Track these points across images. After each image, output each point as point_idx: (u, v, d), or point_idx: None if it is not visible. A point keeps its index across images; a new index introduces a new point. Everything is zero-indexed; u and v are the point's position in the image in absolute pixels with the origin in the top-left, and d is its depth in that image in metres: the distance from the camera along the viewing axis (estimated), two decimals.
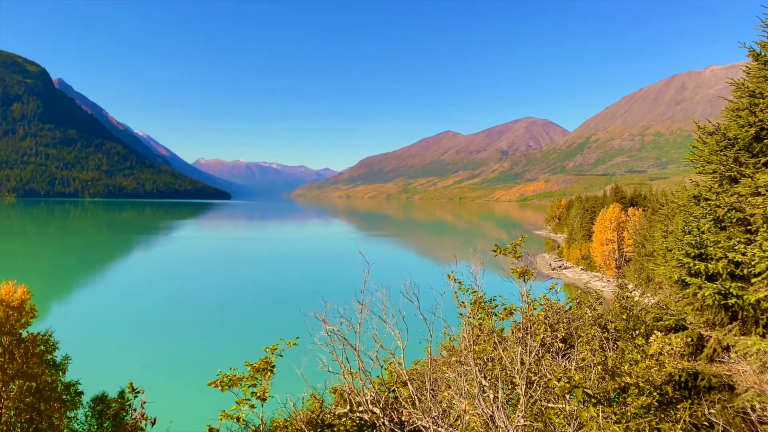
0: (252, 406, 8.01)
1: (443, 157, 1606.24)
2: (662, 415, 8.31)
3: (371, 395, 8.60)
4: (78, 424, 17.43)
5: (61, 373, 18.13)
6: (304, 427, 8.30)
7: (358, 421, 8.26)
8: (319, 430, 8.40)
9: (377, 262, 10.15)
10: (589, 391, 6.85)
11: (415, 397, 8.38)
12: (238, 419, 7.93)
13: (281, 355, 8.63)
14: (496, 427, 7.31)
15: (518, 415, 7.29)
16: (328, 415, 9.37)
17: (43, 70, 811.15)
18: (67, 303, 75.53)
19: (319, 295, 10.22)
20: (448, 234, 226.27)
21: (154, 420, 10.23)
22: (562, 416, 7.19)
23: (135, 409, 10.06)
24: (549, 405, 7.55)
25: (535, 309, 10.53)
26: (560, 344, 9.82)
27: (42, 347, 17.62)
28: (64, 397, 17.76)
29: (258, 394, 8.09)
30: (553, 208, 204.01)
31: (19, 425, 17.08)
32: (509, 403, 8.63)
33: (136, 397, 9.82)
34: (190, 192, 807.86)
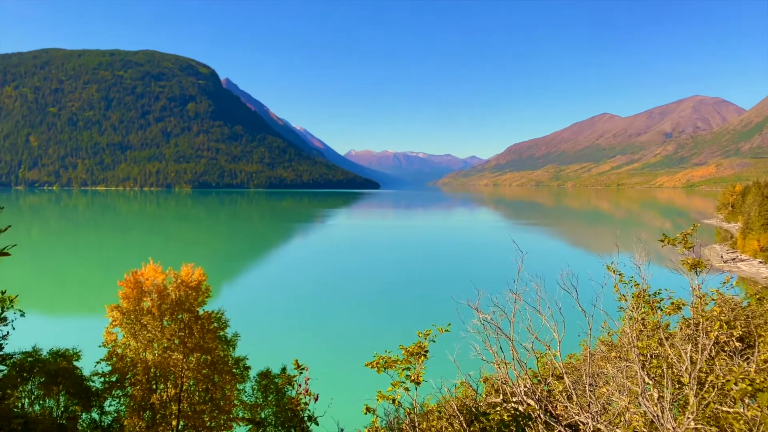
0: (406, 389, 8.18)
1: (598, 141, 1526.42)
2: None
3: (525, 386, 8.43)
4: (246, 396, 18.99)
5: (231, 348, 19.84)
6: (457, 413, 8.33)
7: (513, 412, 8.13)
8: (473, 418, 8.39)
9: (530, 251, 9.88)
10: None
11: (572, 392, 8.08)
12: (393, 401, 8.14)
13: (434, 341, 8.72)
14: (663, 428, 6.85)
15: (688, 417, 6.77)
16: (482, 404, 9.32)
17: (213, 71, 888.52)
18: (236, 284, 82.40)
19: (471, 283, 10.18)
20: (604, 223, 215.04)
21: (317, 396, 10.80)
22: (742, 422, 6.55)
23: (300, 385, 10.71)
24: (725, 409, 6.92)
25: (707, 304, 9.70)
26: (737, 344, 8.94)
27: (215, 324, 19.38)
28: (234, 370, 19.42)
29: (412, 378, 8.24)
30: (726, 195, 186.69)
31: (197, 394, 18.96)
32: (675, 403, 8.04)
33: (301, 373, 10.45)
34: (342, 182, 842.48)
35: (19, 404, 14.76)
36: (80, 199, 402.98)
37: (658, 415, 6.98)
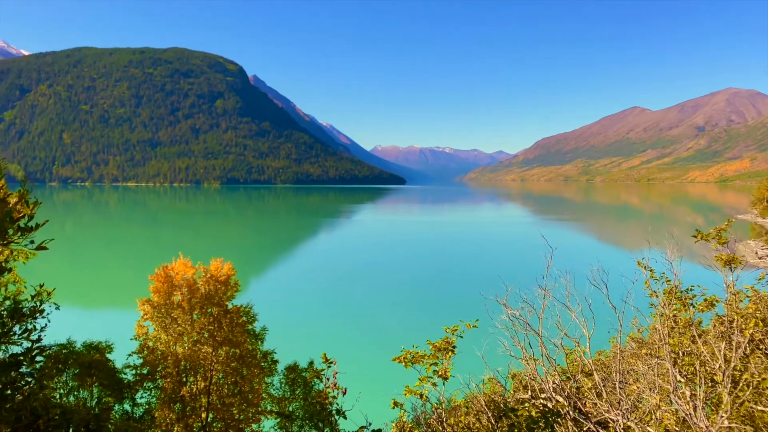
0: (434, 384, 8.17)
1: (629, 136, 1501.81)
2: None
3: (554, 383, 8.36)
4: (274, 390, 19.17)
5: (259, 342, 20.02)
6: (485, 409, 8.31)
7: (541, 408, 8.08)
8: (501, 413, 8.36)
9: (559, 247, 9.77)
10: None
11: (601, 389, 8.00)
12: (421, 396, 8.15)
13: (461, 336, 8.68)
14: (696, 427, 6.74)
15: (721, 416, 6.65)
16: (510, 400, 9.28)
17: (241, 68, 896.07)
18: (264, 278, 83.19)
19: (499, 279, 10.11)
20: (635, 219, 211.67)
21: (345, 390, 10.87)
22: None
23: (328, 378, 10.79)
24: (760, 408, 6.78)
25: (742, 301, 9.51)
26: None
27: (244, 318, 19.58)
28: (263, 364, 19.60)
29: (439, 373, 8.23)
30: (761, 190, 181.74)
31: (226, 387, 19.20)
32: (708, 402, 7.90)
33: (329, 367, 10.52)
34: (367, 178, 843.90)
35: (56, 395, 15.12)
36: (112, 194, 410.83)
37: (690, 414, 6.87)
